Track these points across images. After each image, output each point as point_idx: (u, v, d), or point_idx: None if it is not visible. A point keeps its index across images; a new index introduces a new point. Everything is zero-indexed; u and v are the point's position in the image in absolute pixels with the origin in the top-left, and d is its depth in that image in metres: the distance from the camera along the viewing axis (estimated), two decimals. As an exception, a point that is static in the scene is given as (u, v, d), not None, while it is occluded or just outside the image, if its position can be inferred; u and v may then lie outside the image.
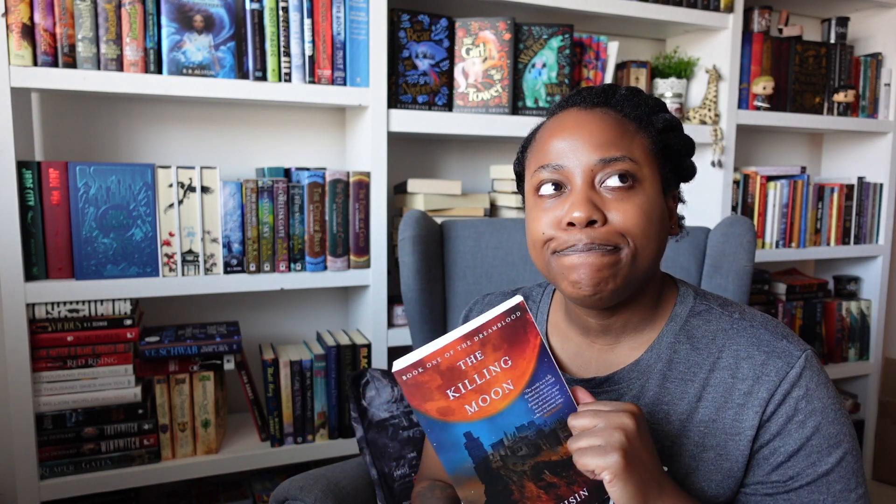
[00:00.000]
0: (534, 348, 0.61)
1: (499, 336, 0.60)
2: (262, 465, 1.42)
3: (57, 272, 1.26)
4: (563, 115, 0.72)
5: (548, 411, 0.62)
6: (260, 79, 1.36)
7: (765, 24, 1.91)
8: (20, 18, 1.19)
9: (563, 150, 0.69)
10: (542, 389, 0.61)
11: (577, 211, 0.66)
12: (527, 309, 0.60)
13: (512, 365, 0.60)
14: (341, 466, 1.08)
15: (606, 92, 0.73)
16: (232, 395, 1.62)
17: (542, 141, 0.72)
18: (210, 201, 1.33)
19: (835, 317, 2.14)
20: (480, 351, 0.60)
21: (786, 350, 0.68)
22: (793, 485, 0.66)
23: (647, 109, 0.73)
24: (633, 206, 0.67)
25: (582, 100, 0.73)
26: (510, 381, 0.61)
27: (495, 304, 0.91)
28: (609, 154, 0.67)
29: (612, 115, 0.71)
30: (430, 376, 0.60)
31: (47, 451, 1.28)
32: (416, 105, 1.53)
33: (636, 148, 0.69)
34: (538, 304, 0.88)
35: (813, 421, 0.66)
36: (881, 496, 2.18)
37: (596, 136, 0.68)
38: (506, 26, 1.54)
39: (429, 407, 0.61)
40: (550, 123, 0.73)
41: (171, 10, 1.28)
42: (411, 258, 1.23)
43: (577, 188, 0.68)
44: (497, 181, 1.70)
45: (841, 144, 2.29)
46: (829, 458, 0.66)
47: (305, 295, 1.67)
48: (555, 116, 0.74)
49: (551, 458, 0.63)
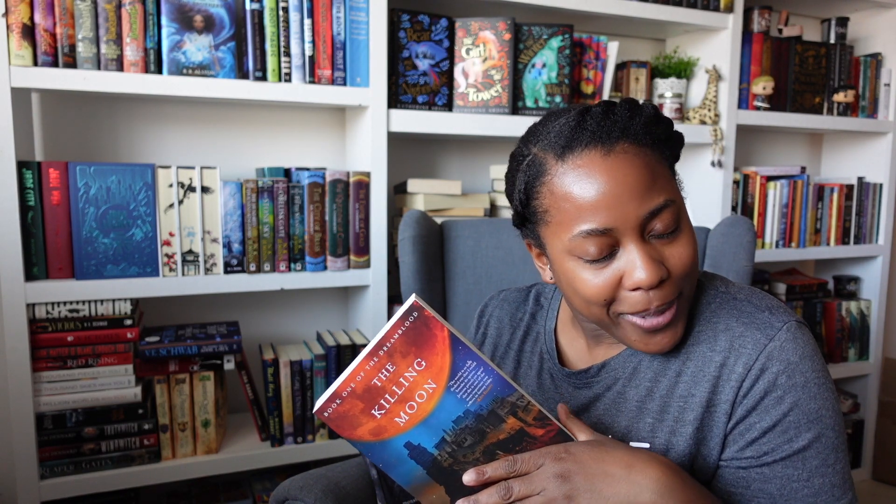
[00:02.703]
0: (443, 341, 0.59)
1: (403, 342, 0.59)
2: (262, 465, 1.42)
3: (57, 272, 1.26)
4: (585, 160, 0.64)
5: (480, 395, 0.61)
6: (260, 79, 1.36)
7: (765, 24, 1.92)
8: (20, 18, 1.19)
9: (602, 207, 0.63)
10: (466, 377, 0.60)
11: (647, 276, 0.63)
12: (423, 306, 0.59)
13: (427, 364, 0.60)
14: (341, 466, 1.08)
15: (619, 122, 0.65)
16: (232, 395, 1.62)
17: (570, 196, 0.64)
18: (210, 201, 1.34)
19: (835, 317, 2.14)
20: (390, 363, 0.59)
21: (766, 322, 0.67)
22: (767, 460, 0.65)
23: (658, 130, 0.67)
24: (683, 248, 0.66)
25: (597, 138, 0.64)
26: (431, 381, 0.60)
27: (510, 300, 0.91)
28: (655, 204, 0.64)
29: (639, 153, 0.65)
30: (350, 404, 0.60)
31: (47, 451, 1.28)
32: (416, 105, 1.53)
33: (668, 181, 0.66)
34: (550, 300, 0.88)
35: (791, 396, 0.64)
36: (881, 496, 2.18)
37: (633, 185, 0.63)
38: (506, 26, 1.54)
39: (361, 432, 0.61)
40: (571, 172, 0.64)
41: (171, 10, 1.28)
42: (411, 258, 1.23)
43: (633, 248, 0.64)
44: (497, 181, 1.70)
45: (841, 144, 2.29)
46: (807, 434, 0.64)
47: (305, 295, 1.67)
48: (571, 160, 0.65)
49: (499, 437, 0.62)
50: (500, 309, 0.92)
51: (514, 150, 0.74)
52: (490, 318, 0.93)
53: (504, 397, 0.61)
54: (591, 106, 0.67)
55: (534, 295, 0.91)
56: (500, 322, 0.92)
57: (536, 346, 0.86)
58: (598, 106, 0.67)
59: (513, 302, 0.92)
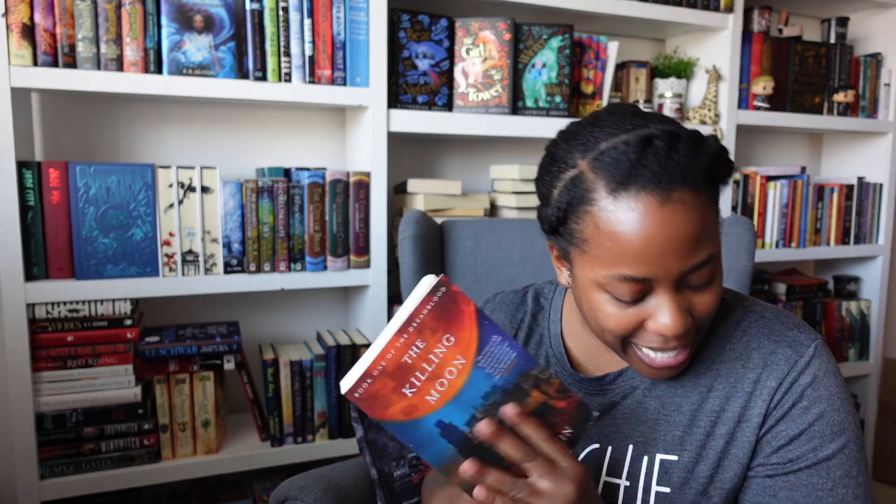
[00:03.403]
0: (470, 316, 0.59)
1: (433, 318, 0.58)
2: (262, 465, 1.42)
3: (57, 272, 1.26)
4: (640, 204, 0.60)
5: (505, 369, 0.61)
6: (260, 79, 1.36)
7: (765, 24, 1.92)
8: (20, 18, 1.19)
9: (647, 258, 0.61)
10: (492, 351, 0.60)
11: (673, 328, 0.63)
12: (450, 282, 0.59)
13: (456, 340, 0.59)
14: (341, 466, 1.08)
15: (681, 163, 0.60)
16: (232, 395, 1.62)
17: (616, 238, 0.61)
18: (210, 201, 1.33)
19: (835, 317, 2.14)
20: (420, 339, 0.58)
21: (796, 339, 0.69)
22: (792, 467, 0.67)
23: (717, 169, 0.63)
24: (712, 297, 0.65)
25: (657, 180, 0.59)
26: (460, 356, 0.59)
27: (507, 302, 0.90)
28: (699, 259, 0.62)
29: (695, 201, 0.61)
30: (381, 383, 0.58)
31: (47, 451, 1.28)
32: (416, 105, 1.53)
33: (714, 229, 0.64)
34: (550, 301, 0.86)
35: (817, 408, 0.67)
36: (881, 496, 2.18)
37: (683, 239, 0.60)
38: (506, 26, 1.54)
39: (392, 412, 0.60)
40: (623, 214, 0.60)
41: (171, 10, 1.28)
42: (411, 258, 1.23)
43: (665, 297, 0.63)
44: (497, 181, 1.70)
45: (841, 144, 2.29)
46: (832, 445, 0.66)
47: (305, 295, 1.67)
48: (625, 200, 0.60)
49: (526, 411, 0.62)
50: (497, 311, 0.91)
51: (554, 147, 0.69)
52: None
53: (528, 371, 0.61)
54: (654, 135, 0.61)
55: (532, 295, 0.89)
56: (499, 324, 0.91)
57: (541, 348, 0.84)
58: (661, 138, 0.60)
59: (510, 304, 0.90)
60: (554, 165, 0.67)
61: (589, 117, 0.68)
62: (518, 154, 1.89)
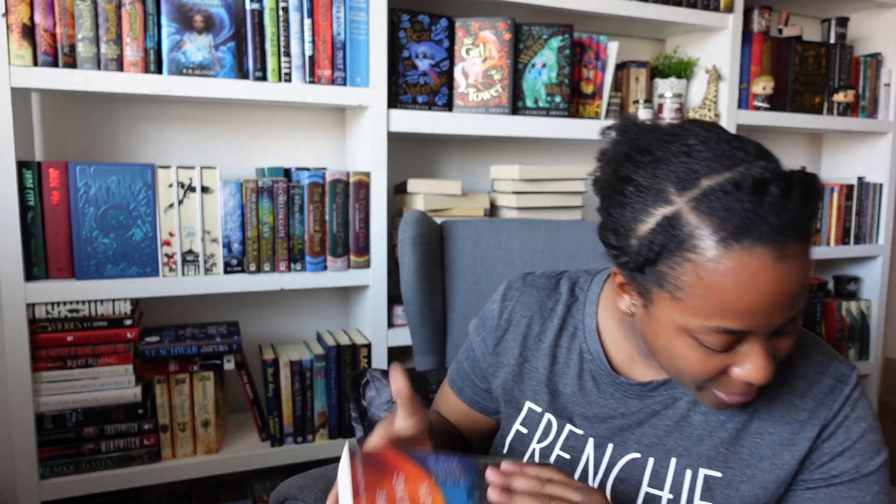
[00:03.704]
0: (396, 456, 0.60)
1: (370, 473, 0.59)
2: (262, 465, 1.42)
3: (57, 272, 1.26)
4: (754, 261, 0.55)
5: (461, 474, 0.62)
6: (260, 79, 1.36)
7: (765, 24, 1.91)
8: (20, 18, 1.19)
9: (752, 314, 0.57)
10: (439, 468, 0.61)
11: (761, 378, 0.60)
12: (356, 448, 0.60)
13: (406, 475, 0.60)
14: (341, 466, 1.08)
15: (794, 212, 0.55)
16: (232, 395, 1.62)
17: (721, 293, 0.56)
18: (210, 201, 1.33)
19: (835, 317, 2.14)
20: (378, 493, 0.59)
21: (839, 371, 0.71)
22: (834, 481, 0.68)
23: (817, 209, 0.60)
24: (791, 340, 0.63)
25: (773, 233, 0.55)
26: (422, 485, 0.60)
27: (538, 286, 0.85)
28: (797, 311, 0.60)
29: (803, 253, 0.57)
30: None
31: (47, 451, 1.28)
32: (416, 105, 1.53)
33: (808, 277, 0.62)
34: (586, 292, 0.81)
35: (859, 427, 0.69)
36: (881, 496, 2.19)
37: (790, 294, 0.57)
38: (506, 26, 1.54)
39: None
40: (733, 269, 0.55)
41: (171, 10, 1.28)
42: (411, 258, 1.23)
43: (757, 349, 0.60)
44: (497, 181, 1.70)
45: (841, 144, 2.29)
46: (871, 462, 0.68)
47: (305, 295, 1.67)
48: (738, 255, 0.55)
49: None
50: (526, 294, 0.85)
51: (631, 169, 0.62)
52: (516, 302, 0.85)
53: (477, 465, 0.63)
54: (768, 180, 0.55)
55: (567, 284, 0.84)
56: (527, 308, 0.84)
57: (574, 342, 0.80)
58: (775, 183, 0.55)
59: (542, 289, 0.84)
60: (639, 195, 0.60)
61: (668, 135, 0.62)
62: (518, 154, 1.89)
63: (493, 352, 0.85)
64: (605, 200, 0.66)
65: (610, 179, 0.65)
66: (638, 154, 0.62)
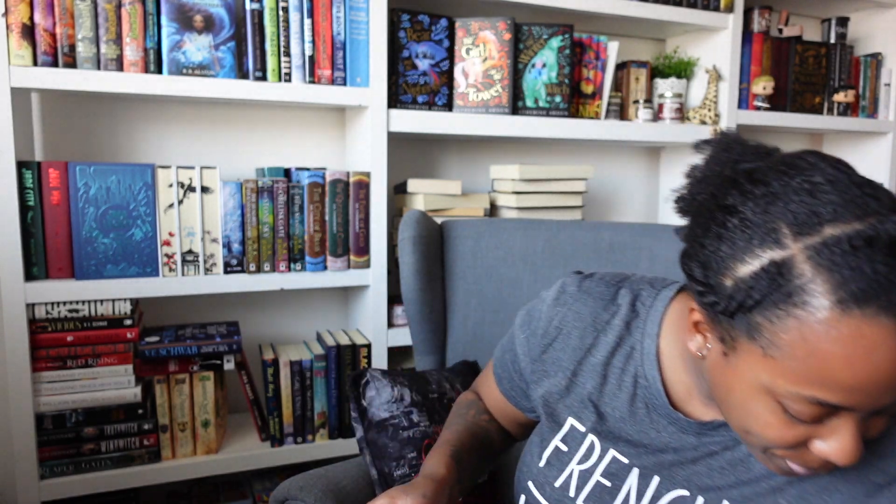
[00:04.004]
0: None
1: None
2: (262, 465, 1.42)
3: (57, 272, 1.26)
4: (873, 331, 0.48)
5: None
6: (260, 79, 1.36)
7: (765, 24, 1.92)
8: (20, 18, 1.19)
9: (858, 391, 0.50)
10: None
11: (848, 460, 0.53)
12: None
13: None
14: (341, 466, 1.08)
15: None
16: (232, 395, 1.62)
17: (828, 361, 0.49)
18: (210, 201, 1.33)
19: (835, 317, 2.13)
20: None
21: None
22: None
23: None
24: (885, 421, 0.56)
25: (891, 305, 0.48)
26: None
27: (594, 294, 0.77)
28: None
29: None
30: None
31: (47, 451, 1.28)
32: (416, 105, 1.53)
33: None
34: (648, 310, 0.73)
35: None
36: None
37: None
38: (506, 26, 1.54)
39: None
40: (847, 336, 0.48)
41: (171, 10, 1.28)
42: (411, 258, 1.23)
43: (848, 428, 0.53)
44: (497, 181, 1.70)
45: (841, 144, 2.29)
46: None
47: (305, 295, 1.67)
48: (856, 321, 0.48)
49: None
50: (581, 302, 0.77)
51: (735, 196, 0.55)
52: (568, 310, 0.77)
53: None
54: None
55: (627, 297, 0.75)
56: (580, 319, 0.76)
57: (630, 364, 0.73)
58: None
59: (598, 297, 0.76)
60: (745, 231, 0.53)
61: (787, 167, 0.54)
62: (518, 154, 1.89)
63: (539, 358, 0.79)
64: (696, 227, 0.58)
65: (707, 205, 0.58)
66: (748, 182, 0.55)
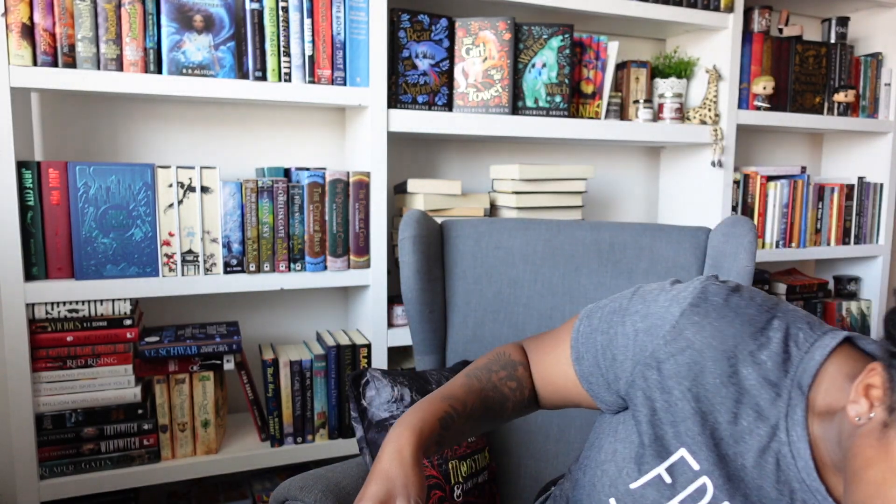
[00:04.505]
0: None
1: None
2: (262, 465, 1.42)
3: (57, 272, 1.26)
4: None
5: None
6: (260, 79, 1.36)
7: (765, 24, 1.91)
8: (20, 18, 1.19)
9: None
10: None
11: None
12: None
13: None
14: (341, 466, 1.08)
15: None
16: (232, 395, 1.62)
17: None
18: (210, 201, 1.33)
19: (835, 317, 2.14)
20: None
21: None
22: None
23: None
24: None
25: None
26: None
27: (746, 318, 0.66)
28: None
29: None
30: None
31: (47, 451, 1.28)
32: (416, 105, 1.53)
33: None
34: (803, 354, 0.62)
35: None
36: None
37: None
38: (506, 26, 1.54)
39: None
40: None
41: (171, 10, 1.28)
42: (411, 258, 1.23)
43: None
44: (497, 181, 1.70)
45: (841, 144, 2.29)
46: None
47: (305, 295, 1.67)
48: None
49: None
50: (726, 322, 0.64)
51: None
52: (709, 323, 0.65)
53: None
54: None
55: (780, 332, 0.64)
56: (721, 338, 0.64)
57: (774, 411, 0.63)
58: None
59: (747, 322, 0.64)
60: None
61: None
62: (518, 154, 1.89)
63: (652, 365, 0.68)
64: None
65: None
66: None
